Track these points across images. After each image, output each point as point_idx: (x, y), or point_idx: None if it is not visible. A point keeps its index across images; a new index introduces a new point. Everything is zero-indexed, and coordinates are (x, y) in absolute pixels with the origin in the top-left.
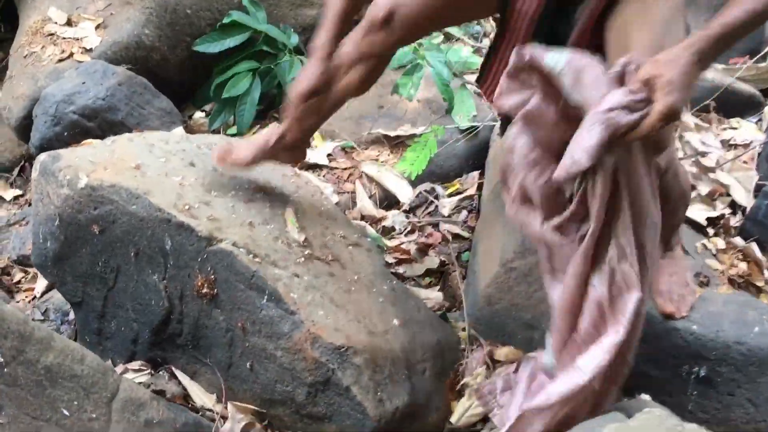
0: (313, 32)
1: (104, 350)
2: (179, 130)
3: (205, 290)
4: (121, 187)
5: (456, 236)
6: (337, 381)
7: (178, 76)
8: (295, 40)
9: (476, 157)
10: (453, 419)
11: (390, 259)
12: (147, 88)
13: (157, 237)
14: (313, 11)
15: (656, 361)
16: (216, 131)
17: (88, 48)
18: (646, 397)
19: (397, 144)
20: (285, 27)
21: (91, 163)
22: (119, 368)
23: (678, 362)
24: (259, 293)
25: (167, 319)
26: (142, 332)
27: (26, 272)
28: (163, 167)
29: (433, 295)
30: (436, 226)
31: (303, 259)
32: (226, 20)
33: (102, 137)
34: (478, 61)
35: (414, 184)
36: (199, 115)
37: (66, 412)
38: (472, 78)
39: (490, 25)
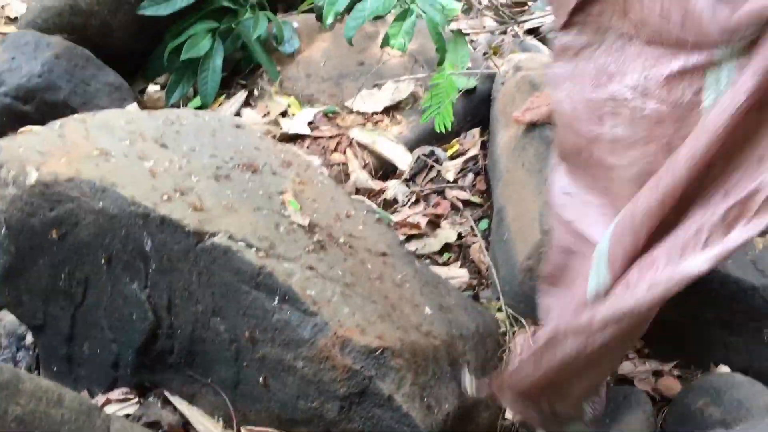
0: None
1: (77, 379)
2: (133, 107)
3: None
4: (82, 180)
5: (466, 203)
6: (376, 390)
7: (124, 44)
8: None
9: (474, 113)
10: (508, 415)
11: (399, 235)
12: (90, 61)
13: (133, 237)
14: None
15: (732, 326)
16: (175, 106)
17: (12, 17)
18: (725, 368)
19: (387, 105)
20: None
21: (40, 154)
22: (99, 399)
23: (758, 325)
24: (269, 294)
25: (154, 335)
26: (123, 354)
27: None
28: (130, 151)
29: (458, 273)
30: (441, 193)
31: (312, 246)
32: None
33: (41, 122)
34: (459, 6)
35: (410, 147)
36: (153, 88)
37: None
38: (455, 26)
39: None
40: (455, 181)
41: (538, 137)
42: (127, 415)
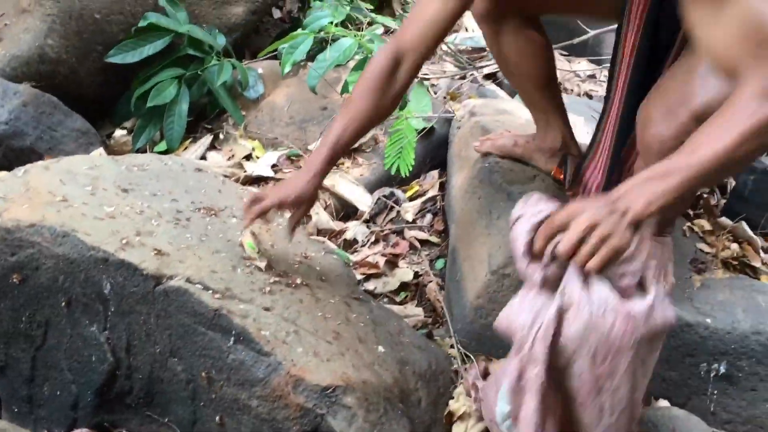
0: (240, 33)
1: (37, 420)
2: (100, 152)
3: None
4: (44, 226)
5: (424, 242)
6: (327, 428)
7: (91, 90)
8: (222, 41)
9: (433, 155)
10: None
11: (357, 275)
12: (57, 107)
13: (92, 281)
14: (238, 9)
15: (670, 361)
16: (141, 150)
17: None
18: (664, 402)
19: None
20: (210, 27)
21: (3, 200)
22: None
23: (695, 361)
24: (225, 335)
25: (113, 377)
26: (83, 395)
27: None
28: (91, 197)
29: (413, 312)
30: (400, 233)
31: (269, 287)
32: (142, 24)
33: (8, 168)
34: None
35: (371, 189)
36: (120, 133)
37: None
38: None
39: None
40: (414, 221)
41: (488, 181)
42: None
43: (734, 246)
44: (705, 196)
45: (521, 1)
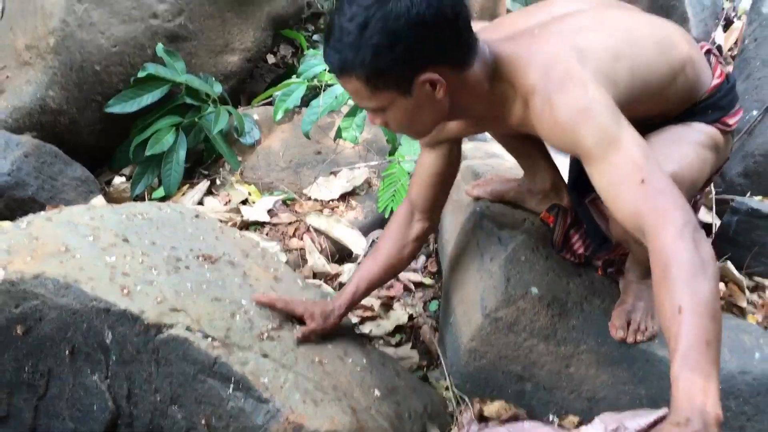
0: (236, 80)
1: None
2: (99, 200)
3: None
4: (47, 278)
5: (418, 284)
6: None
7: (90, 138)
8: (219, 89)
9: None
10: None
11: (353, 318)
12: (57, 157)
13: (94, 330)
14: (234, 57)
15: (658, 402)
16: (140, 197)
17: None
18: None
19: (343, 192)
20: (206, 76)
21: (7, 252)
22: None
23: None
24: (224, 382)
25: (114, 425)
26: None
27: None
28: (93, 247)
29: (408, 354)
30: None
31: (267, 334)
32: (141, 74)
33: (10, 218)
34: None
35: (365, 232)
36: (118, 180)
37: None
38: None
39: None
40: None
41: (480, 225)
42: None
43: (721, 285)
44: None
45: None
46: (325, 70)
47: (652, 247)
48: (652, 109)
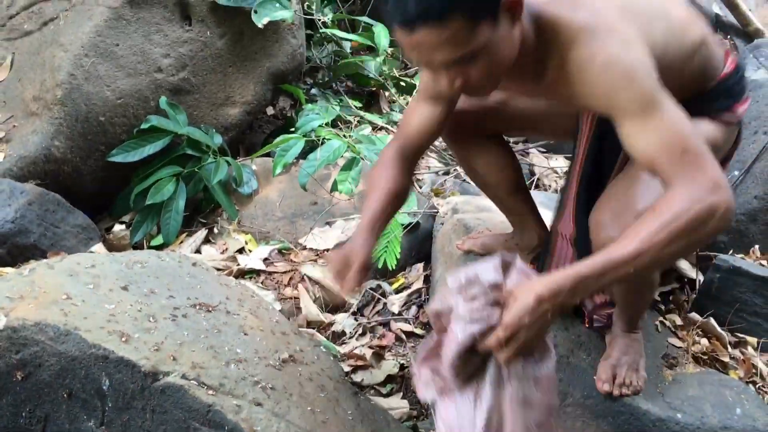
0: (236, 131)
1: None
2: (99, 247)
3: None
4: (47, 325)
5: (410, 334)
6: None
7: (92, 186)
8: (218, 140)
9: (418, 249)
10: None
11: (345, 367)
12: (60, 205)
13: (92, 377)
14: (234, 110)
15: None
16: (138, 244)
17: None
18: None
19: (337, 242)
20: (207, 128)
21: (9, 300)
22: None
23: None
24: (218, 430)
25: None
26: None
27: None
28: (93, 295)
29: (399, 404)
30: (386, 325)
31: (261, 382)
32: (144, 126)
33: (12, 264)
34: None
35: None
36: (118, 227)
37: None
38: None
39: None
40: (400, 313)
41: None
42: None
43: (704, 341)
44: (676, 291)
45: (483, 124)
46: (322, 125)
47: (663, 200)
48: (669, 84)
